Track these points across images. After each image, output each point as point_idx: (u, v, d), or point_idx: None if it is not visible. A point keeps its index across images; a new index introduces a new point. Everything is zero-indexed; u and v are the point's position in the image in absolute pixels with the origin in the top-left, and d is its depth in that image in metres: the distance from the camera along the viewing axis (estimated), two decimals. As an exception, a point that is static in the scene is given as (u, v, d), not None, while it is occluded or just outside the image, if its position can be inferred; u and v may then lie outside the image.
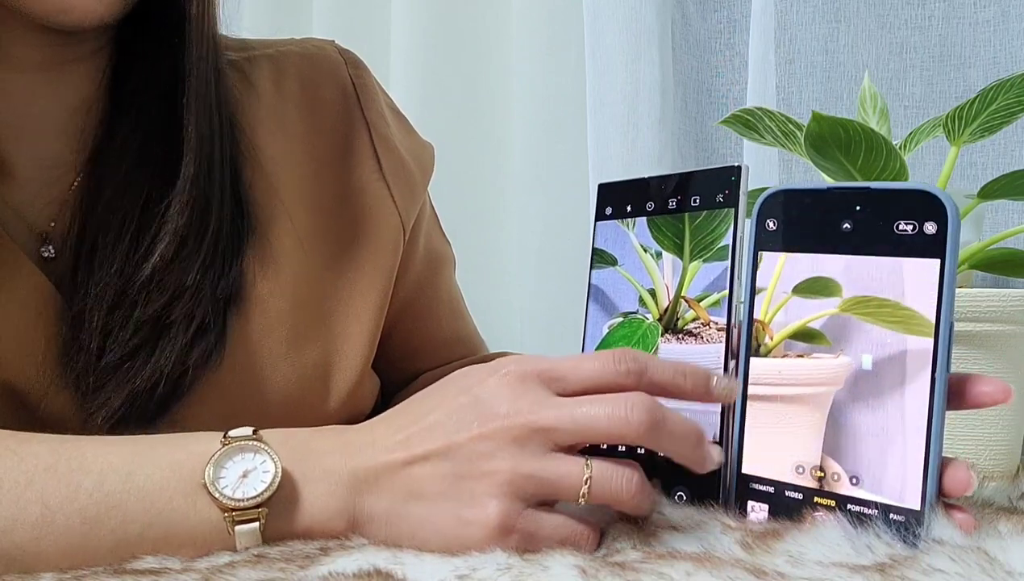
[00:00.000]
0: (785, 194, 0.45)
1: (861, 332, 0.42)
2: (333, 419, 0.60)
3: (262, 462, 0.42)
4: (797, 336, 0.44)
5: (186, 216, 0.54)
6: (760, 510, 0.44)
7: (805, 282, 0.44)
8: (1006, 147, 0.90)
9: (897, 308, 0.41)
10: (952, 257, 0.40)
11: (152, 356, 0.52)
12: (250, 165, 0.60)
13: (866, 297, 0.42)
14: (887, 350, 0.41)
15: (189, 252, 0.54)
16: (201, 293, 0.54)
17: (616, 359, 0.42)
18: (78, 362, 0.52)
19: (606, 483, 0.41)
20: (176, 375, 0.53)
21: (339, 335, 0.61)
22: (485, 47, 1.18)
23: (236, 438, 0.43)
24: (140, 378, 0.52)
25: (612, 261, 0.54)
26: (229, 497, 0.41)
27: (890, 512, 0.40)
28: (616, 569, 0.38)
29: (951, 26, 0.92)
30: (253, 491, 0.41)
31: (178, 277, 0.53)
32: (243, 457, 0.42)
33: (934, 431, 0.40)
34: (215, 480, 0.41)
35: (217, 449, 0.42)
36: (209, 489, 0.41)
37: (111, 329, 0.52)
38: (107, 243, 0.53)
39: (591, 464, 0.41)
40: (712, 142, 1.06)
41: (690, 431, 0.42)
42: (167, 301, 0.53)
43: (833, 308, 0.43)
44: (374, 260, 0.64)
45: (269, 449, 0.42)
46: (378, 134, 0.66)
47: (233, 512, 0.41)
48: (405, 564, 0.39)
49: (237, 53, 0.64)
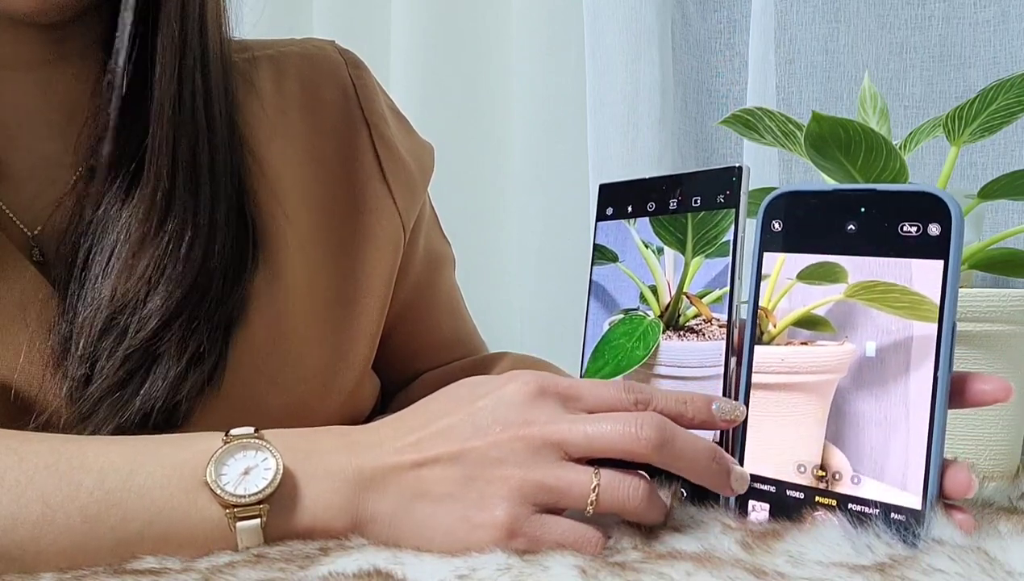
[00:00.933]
0: (790, 195, 0.45)
1: (866, 319, 0.42)
2: (333, 420, 0.60)
3: (263, 459, 0.42)
4: (801, 323, 0.44)
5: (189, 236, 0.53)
6: (761, 510, 0.44)
7: (809, 268, 0.44)
8: (1006, 147, 0.90)
9: (904, 292, 0.41)
10: (956, 259, 0.40)
11: (142, 387, 0.51)
12: (253, 172, 0.59)
13: (872, 282, 0.42)
14: (892, 337, 0.42)
15: (188, 275, 0.53)
16: (196, 321, 0.52)
17: (626, 389, 0.43)
18: (65, 385, 0.51)
19: (614, 492, 0.41)
20: (170, 407, 0.52)
21: (339, 336, 0.61)
22: (485, 47, 1.18)
23: (237, 436, 0.43)
24: (129, 411, 0.51)
25: (613, 257, 0.54)
26: (231, 493, 0.41)
27: (891, 511, 0.40)
28: (616, 569, 0.38)
29: (951, 26, 0.92)
30: (255, 487, 0.41)
31: (176, 302, 0.52)
32: (244, 455, 0.42)
33: (936, 431, 0.40)
34: (216, 477, 0.41)
35: (218, 447, 0.42)
36: (211, 486, 0.41)
37: (98, 357, 0.51)
38: (101, 262, 0.52)
39: (599, 473, 0.41)
40: (712, 142, 1.06)
41: (702, 450, 0.42)
42: (160, 327, 0.51)
43: (839, 294, 0.43)
44: (374, 260, 0.63)
45: (270, 446, 0.42)
46: (378, 134, 0.66)
47: (235, 508, 0.41)
48: (405, 564, 0.39)
49: (237, 54, 0.64)
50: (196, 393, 0.53)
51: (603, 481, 0.41)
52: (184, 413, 0.53)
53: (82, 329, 0.51)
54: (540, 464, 0.41)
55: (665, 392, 0.44)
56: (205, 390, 0.53)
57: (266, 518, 0.41)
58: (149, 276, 0.52)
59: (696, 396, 0.44)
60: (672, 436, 0.41)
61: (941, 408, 0.40)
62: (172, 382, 0.52)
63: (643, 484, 0.41)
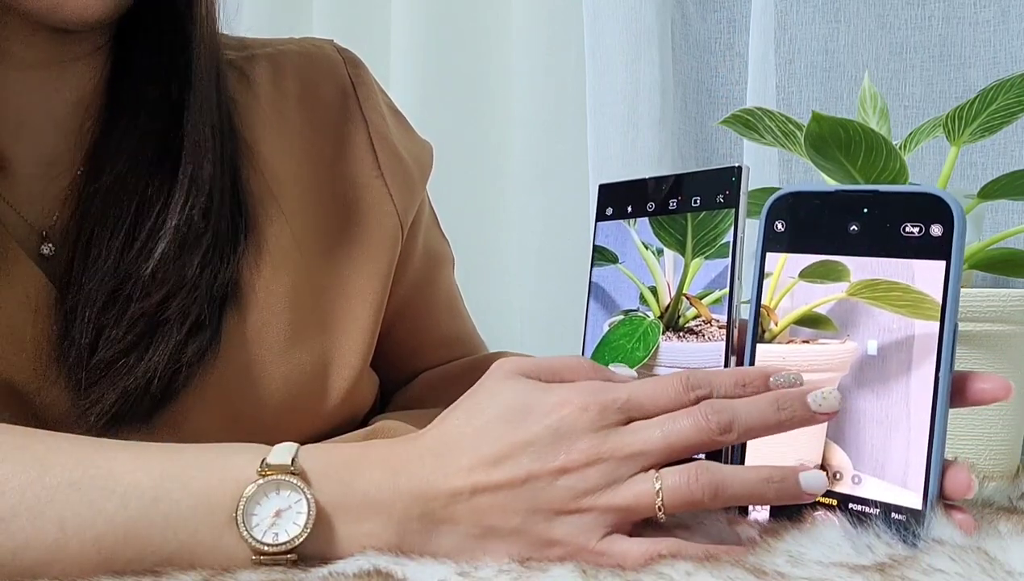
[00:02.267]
0: (793, 196, 0.45)
1: (868, 317, 0.42)
2: (333, 417, 0.60)
3: (296, 501, 0.39)
4: (803, 321, 0.44)
5: (186, 214, 0.54)
6: (762, 509, 0.44)
7: (812, 266, 0.44)
8: (1006, 147, 0.90)
9: (907, 291, 0.41)
10: (958, 260, 0.40)
11: (146, 353, 0.52)
12: (248, 164, 0.60)
13: (875, 280, 0.42)
14: (893, 335, 0.42)
15: (188, 250, 0.54)
16: (197, 290, 0.54)
17: (683, 386, 0.42)
18: (70, 358, 0.52)
19: (681, 490, 0.39)
20: (170, 373, 0.53)
21: (337, 334, 0.61)
22: (485, 47, 1.18)
23: (274, 468, 0.40)
24: (133, 376, 0.51)
25: (613, 259, 0.54)
26: (259, 541, 0.38)
27: (891, 511, 0.40)
28: (616, 569, 0.38)
29: (951, 26, 0.92)
30: (285, 535, 0.39)
31: (176, 275, 0.53)
32: (278, 495, 0.40)
33: (937, 431, 0.40)
34: (246, 519, 0.39)
35: (252, 480, 0.40)
36: (240, 529, 0.39)
37: (104, 326, 0.52)
38: (102, 239, 0.53)
39: (660, 476, 0.40)
40: (712, 142, 1.06)
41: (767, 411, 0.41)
42: (162, 298, 0.53)
43: (840, 292, 0.43)
44: (372, 258, 0.64)
45: (305, 488, 0.40)
46: (376, 132, 0.66)
47: (262, 556, 0.39)
48: (405, 564, 0.39)
49: (235, 52, 0.64)
50: (196, 361, 0.53)
51: (665, 482, 0.39)
52: (183, 381, 0.53)
53: (88, 300, 0.52)
54: (609, 488, 0.39)
55: (721, 374, 0.43)
56: (203, 359, 0.54)
57: (294, 560, 0.39)
58: (151, 248, 0.53)
59: (752, 372, 0.43)
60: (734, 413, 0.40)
61: (942, 408, 0.40)
62: (173, 349, 0.52)
63: (706, 471, 0.40)
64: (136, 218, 0.54)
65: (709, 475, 0.40)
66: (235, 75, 0.63)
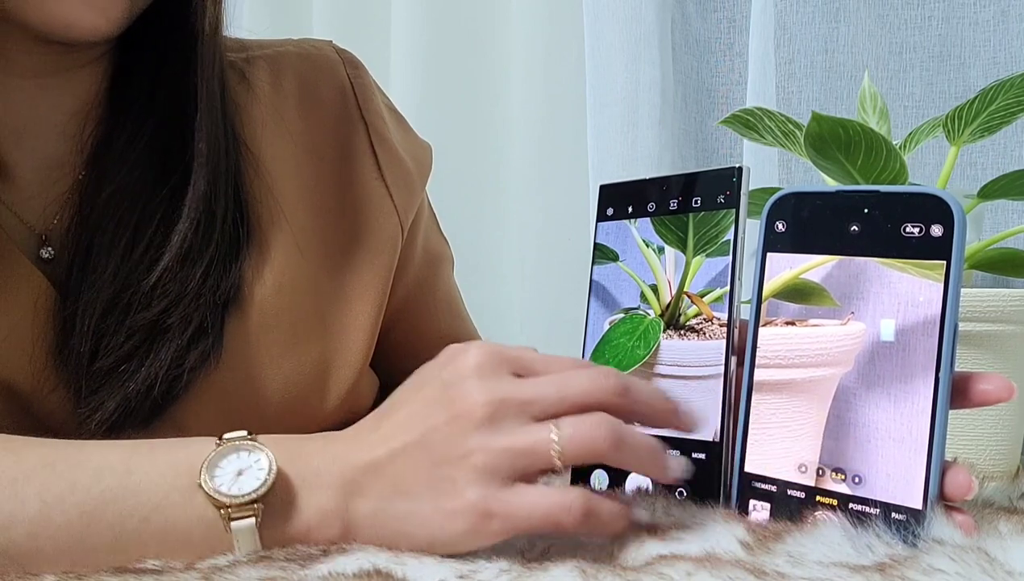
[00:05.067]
0: (794, 196, 0.45)
1: (882, 285, 0.38)
2: (332, 418, 0.60)
3: (256, 460, 0.42)
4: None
5: (190, 228, 0.54)
6: (762, 509, 0.44)
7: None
8: (1006, 147, 0.90)
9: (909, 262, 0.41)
10: (958, 260, 0.40)
11: (147, 360, 0.52)
12: (250, 168, 0.60)
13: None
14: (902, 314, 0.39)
15: (190, 262, 0.54)
16: (200, 299, 0.54)
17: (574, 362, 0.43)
18: (69, 365, 0.52)
19: (578, 437, 0.39)
20: (171, 378, 0.53)
21: (337, 334, 0.61)
22: (485, 47, 1.18)
23: (231, 439, 0.43)
24: (134, 382, 0.52)
25: (614, 257, 0.54)
26: (224, 494, 0.41)
27: (891, 511, 0.40)
28: (616, 569, 0.38)
29: (951, 26, 0.92)
30: (248, 487, 0.41)
31: (178, 286, 0.53)
32: (238, 456, 0.42)
33: (937, 431, 0.40)
34: (210, 479, 0.41)
35: (212, 450, 0.42)
36: (204, 488, 0.41)
37: (103, 334, 0.52)
38: (102, 247, 0.53)
39: (558, 423, 0.40)
40: (712, 142, 1.06)
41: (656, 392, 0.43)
42: (163, 309, 0.53)
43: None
44: (372, 259, 0.64)
45: (263, 448, 0.42)
46: (376, 133, 0.66)
47: (228, 508, 0.41)
48: (405, 564, 0.39)
49: (235, 54, 0.64)
50: (198, 366, 0.54)
51: (563, 430, 0.40)
52: (184, 386, 0.54)
53: (87, 309, 0.52)
54: (501, 431, 0.40)
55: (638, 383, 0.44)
56: (205, 364, 0.54)
57: (261, 518, 0.41)
58: (153, 260, 0.53)
59: None
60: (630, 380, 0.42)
61: (942, 408, 0.40)
62: (175, 356, 0.53)
63: (604, 420, 0.40)
64: (137, 228, 0.54)
65: (610, 425, 0.40)
66: (235, 77, 0.63)
